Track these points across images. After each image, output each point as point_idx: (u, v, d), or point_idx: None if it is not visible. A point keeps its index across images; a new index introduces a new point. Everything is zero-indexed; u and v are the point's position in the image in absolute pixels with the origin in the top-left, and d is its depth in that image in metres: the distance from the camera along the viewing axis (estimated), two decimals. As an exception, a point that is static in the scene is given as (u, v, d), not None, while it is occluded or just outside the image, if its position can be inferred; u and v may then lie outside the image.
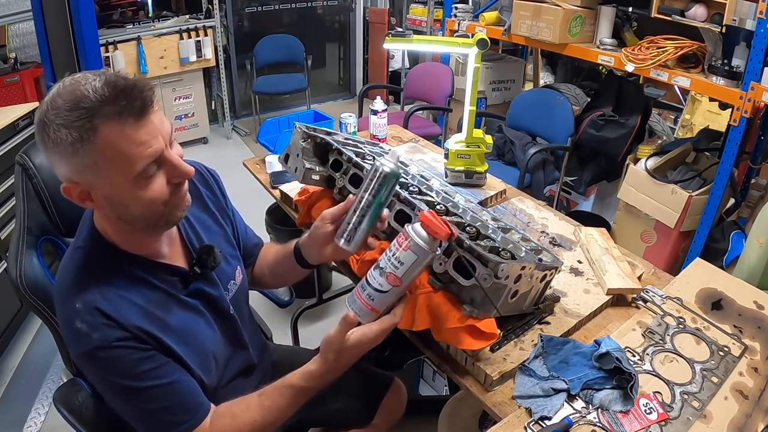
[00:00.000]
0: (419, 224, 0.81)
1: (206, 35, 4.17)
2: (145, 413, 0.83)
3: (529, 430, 0.88)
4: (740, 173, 2.42)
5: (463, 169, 1.63)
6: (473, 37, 1.47)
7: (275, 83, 4.52)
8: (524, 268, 0.95)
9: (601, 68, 3.42)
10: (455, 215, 1.16)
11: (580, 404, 0.92)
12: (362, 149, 1.36)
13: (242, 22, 4.94)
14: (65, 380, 1.05)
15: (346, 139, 1.42)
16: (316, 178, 1.29)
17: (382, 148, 1.55)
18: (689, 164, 2.45)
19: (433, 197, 1.23)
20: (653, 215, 2.34)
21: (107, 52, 3.68)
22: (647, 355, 1.02)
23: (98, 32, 3.13)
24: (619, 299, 1.18)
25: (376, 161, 0.89)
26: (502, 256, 1.02)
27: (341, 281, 2.59)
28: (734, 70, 1.98)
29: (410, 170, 1.44)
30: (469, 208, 1.25)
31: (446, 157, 1.67)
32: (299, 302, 2.09)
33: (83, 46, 2.95)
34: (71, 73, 0.76)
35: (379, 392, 1.29)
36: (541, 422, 0.89)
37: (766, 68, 1.85)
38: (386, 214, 0.93)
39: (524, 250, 1.10)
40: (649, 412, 0.89)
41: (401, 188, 1.17)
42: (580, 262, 1.30)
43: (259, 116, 4.51)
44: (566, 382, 0.94)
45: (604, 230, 1.39)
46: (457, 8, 3.29)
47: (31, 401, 1.98)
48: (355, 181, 1.22)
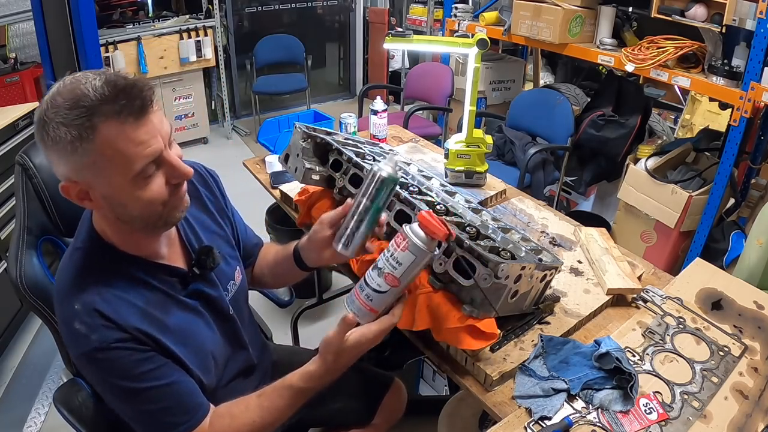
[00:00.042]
0: (417, 224, 0.81)
1: (206, 35, 4.17)
2: (144, 414, 0.83)
3: (529, 430, 0.88)
4: (740, 173, 2.42)
5: (463, 169, 1.63)
6: (473, 37, 1.47)
7: (275, 83, 4.52)
8: (524, 268, 0.95)
9: (601, 68, 3.42)
10: (455, 215, 1.16)
11: (580, 404, 0.92)
12: (362, 149, 1.36)
13: (242, 22, 4.94)
14: (65, 380, 1.05)
15: (346, 139, 1.42)
16: (316, 178, 1.29)
17: (382, 148, 1.55)
18: (689, 164, 2.45)
19: (433, 197, 1.23)
20: (653, 215, 2.34)
21: (107, 52, 3.68)
22: (647, 355, 1.02)
23: (98, 32, 3.13)
24: (619, 299, 1.18)
25: (374, 166, 0.89)
26: (502, 256, 1.02)
27: (341, 281, 2.59)
28: (734, 70, 1.98)
29: (410, 170, 1.43)
30: (469, 208, 1.25)
31: (446, 157, 1.66)
32: (299, 302, 2.09)
33: (83, 46, 2.95)
34: (72, 72, 0.76)
35: (379, 392, 1.29)
36: (541, 422, 0.89)
37: (766, 68, 1.85)
38: (384, 218, 0.93)
39: (524, 250, 1.10)
40: (649, 412, 0.89)
41: (401, 188, 1.17)
42: (580, 262, 1.30)
43: (259, 116, 4.51)
44: (566, 382, 0.94)
45: (604, 230, 1.39)
46: (457, 8, 3.29)
47: (31, 401, 1.98)
48: (355, 181, 1.22)
